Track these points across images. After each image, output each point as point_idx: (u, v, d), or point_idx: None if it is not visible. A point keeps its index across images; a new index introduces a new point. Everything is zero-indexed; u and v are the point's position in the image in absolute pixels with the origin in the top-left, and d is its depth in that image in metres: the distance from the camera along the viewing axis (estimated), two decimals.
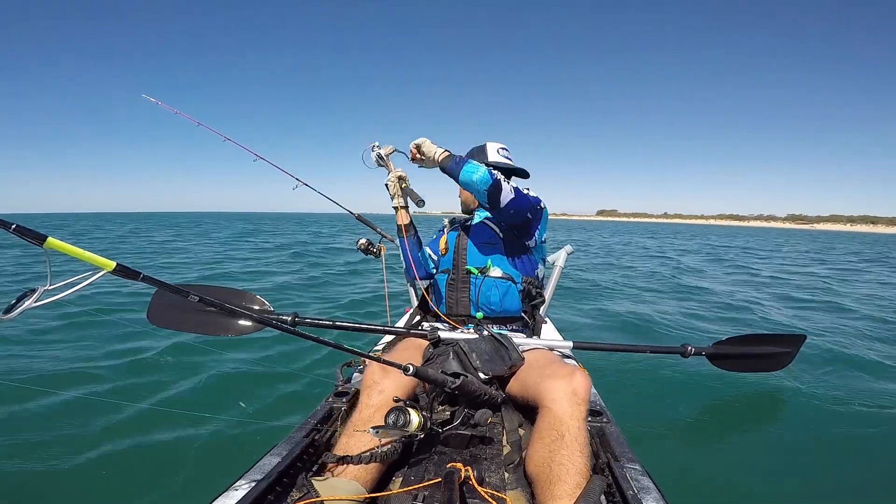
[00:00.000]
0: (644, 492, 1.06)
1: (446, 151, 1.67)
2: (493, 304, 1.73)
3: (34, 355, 3.37)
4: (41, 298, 0.76)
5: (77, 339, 3.79)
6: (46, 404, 2.50)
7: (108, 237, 19.31)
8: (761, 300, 6.51)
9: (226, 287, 1.81)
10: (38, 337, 3.81)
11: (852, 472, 1.96)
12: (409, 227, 1.88)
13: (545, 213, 1.79)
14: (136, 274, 0.84)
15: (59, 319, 4.22)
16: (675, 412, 2.58)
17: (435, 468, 1.21)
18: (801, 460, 2.05)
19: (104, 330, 4.00)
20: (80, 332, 3.97)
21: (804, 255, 16.22)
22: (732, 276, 9.58)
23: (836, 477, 1.92)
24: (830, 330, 4.65)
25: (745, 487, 1.89)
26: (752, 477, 1.95)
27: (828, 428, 2.30)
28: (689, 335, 4.48)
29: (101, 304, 5.12)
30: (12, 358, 3.28)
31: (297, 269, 9.24)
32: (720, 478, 1.95)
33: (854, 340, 4.16)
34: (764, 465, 2.02)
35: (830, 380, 2.95)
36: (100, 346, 3.61)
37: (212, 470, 1.95)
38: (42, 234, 0.73)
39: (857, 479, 1.91)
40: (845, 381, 2.94)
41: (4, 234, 0.72)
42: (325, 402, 1.54)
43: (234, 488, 1.03)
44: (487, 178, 1.55)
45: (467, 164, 1.58)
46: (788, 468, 1.99)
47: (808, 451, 2.13)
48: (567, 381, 1.24)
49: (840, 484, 1.87)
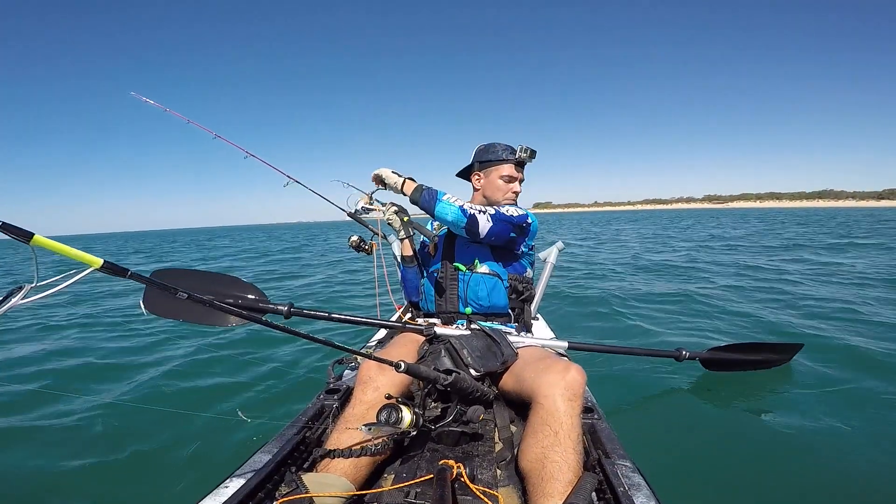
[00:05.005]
0: (635, 489, 1.07)
1: (411, 181, 1.67)
2: (480, 298, 1.74)
3: (23, 350, 3.34)
4: (28, 296, 0.76)
5: (67, 334, 3.75)
6: (35, 402, 2.48)
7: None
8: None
9: (222, 274, 1.78)
10: (28, 331, 3.77)
11: (843, 471, 1.98)
12: (413, 259, 1.93)
13: (534, 226, 1.79)
14: (124, 271, 0.83)
15: (56, 314, 4.18)
16: (666, 409, 2.59)
17: (427, 465, 1.21)
18: (792, 459, 2.07)
19: (94, 323, 3.97)
20: (70, 326, 3.94)
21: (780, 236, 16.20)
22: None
23: (829, 478, 1.93)
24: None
25: (736, 485, 1.91)
26: (743, 474, 1.97)
27: (821, 427, 2.32)
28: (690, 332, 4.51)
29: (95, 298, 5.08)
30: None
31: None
32: (711, 475, 1.97)
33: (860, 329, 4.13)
34: (755, 464, 2.04)
35: (826, 378, 2.96)
36: (88, 342, 3.58)
37: (202, 467, 1.95)
38: (29, 232, 0.72)
39: (849, 479, 1.92)
40: (842, 378, 2.95)
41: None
42: (317, 399, 1.54)
43: (224, 485, 1.02)
44: (461, 217, 1.58)
45: (439, 203, 1.59)
46: (780, 467, 2.01)
47: (800, 451, 2.14)
48: (561, 376, 1.24)
49: (834, 486, 1.89)
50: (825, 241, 12.93)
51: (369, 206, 1.81)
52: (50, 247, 0.74)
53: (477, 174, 1.90)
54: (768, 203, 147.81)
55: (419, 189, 1.63)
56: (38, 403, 2.46)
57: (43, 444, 2.12)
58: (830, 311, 4.63)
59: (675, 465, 2.00)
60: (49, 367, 3.09)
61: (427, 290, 1.86)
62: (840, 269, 7.46)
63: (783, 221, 27.65)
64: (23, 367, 3.09)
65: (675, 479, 1.88)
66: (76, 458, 2.01)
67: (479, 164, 1.88)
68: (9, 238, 0.70)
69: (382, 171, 1.71)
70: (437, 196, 1.60)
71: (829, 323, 4.20)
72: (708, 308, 4.90)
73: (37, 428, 2.24)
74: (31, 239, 0.72)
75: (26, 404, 2.49)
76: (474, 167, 1.90)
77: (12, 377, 2.85)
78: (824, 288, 5.92)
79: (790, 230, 18.85)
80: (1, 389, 2.62)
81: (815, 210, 65.39)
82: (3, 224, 0.70)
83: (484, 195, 1.88)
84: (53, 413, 2.38)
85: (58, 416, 2.35)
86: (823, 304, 4.90)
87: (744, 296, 5.56)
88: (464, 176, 1.97)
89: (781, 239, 14.32)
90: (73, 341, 3.67)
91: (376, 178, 1.73)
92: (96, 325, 4.15)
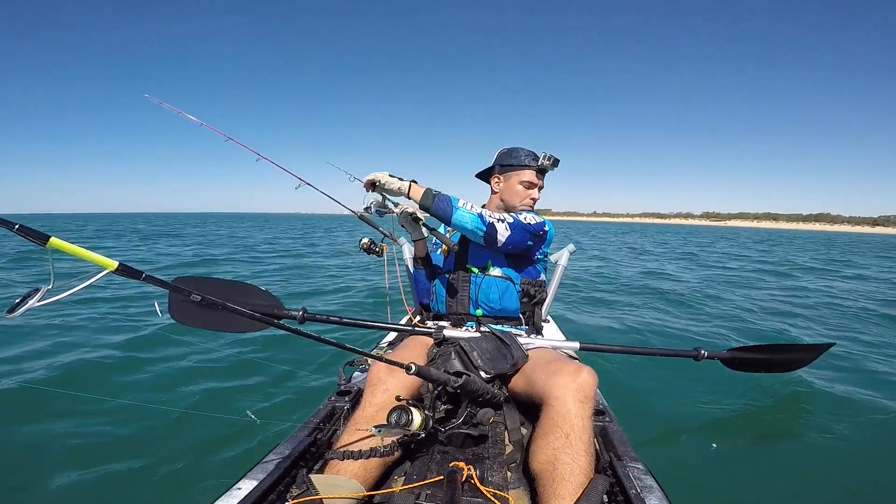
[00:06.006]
0: (647, 491, 1.05)
1: (415, 184, 1.60)
2: (492, 301, 1.73)
3: (35, 350, 3.40)
4: (44, 298, 0.77)
5: (81, 336, 3.81)
6: (44, 403, 2.51)
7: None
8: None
9: (236, 281, 1.80)
10: (40, 332, 3.83)
11: (863, 479, 1.93)
12: (426, 261, 1.91)
13: (550, 233, 1.77)
14: (139, 273, 0.84)
15: (68, 316, 4.25)
16: (679, 411, 2.56)
17: (437, 467, 1.21)
18: (808, 464, 2.03)
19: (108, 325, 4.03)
20: (87, 328, 4.00)
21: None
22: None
23: (846, 485, 1.89)
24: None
25: (750, 489, 1.88)
26: (758, 478, 1.94)
27: (841, 434, 2.27)
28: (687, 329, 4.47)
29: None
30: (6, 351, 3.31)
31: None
32: (725, 478, 1.94)
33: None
34: (770, 468, 2.01)
35: (848, 381, 2.90)
36: (101, 343, 3.63)
37: (215, 469, 1.96)
38: (45, 234, 0.73)
39: (868, 487, 1.88)
40: (863, 383, 2.89)
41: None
42: (328, 402, 1.55)
43: (237, 486, 1.03)
44: (481, 225, 1.55)
45: (456, 210, 1.54)
46: (795, 471, 1.97)
47: (817, 457, 2.10)
48: (573, 378, 1.23)
49: (851, 493, 1.85)
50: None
51: (383, 209, 1.74)
52: (66, 249, 0.76)
53: (497, 177, 1.88)
54: (765, 223, 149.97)
55: (430, 194, 1.56)
56: (48, 404, 2.50)
57: (53, 445, 2.15)
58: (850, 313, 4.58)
59: (689, 468, 1.98)
60: (56, 365, 3.13)
61: (438, 291, 1.86)
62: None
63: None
64: (32, 364, 3.14)
65: (688, 482, 1.85)
66: (86, 460, 2.03)
67: (501, 167, 1.85)
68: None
69: (378, 175, 1.61)
70: (452, 203, 1.55)
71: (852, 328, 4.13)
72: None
73: (46, 429, 2.27)
74: (48, 241, 0.73)
75: (33, 403, 2.52)
76: (495, 170, 1.88)
77: (16, 374, 2.89)
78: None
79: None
80: (11, 388, 2.66)
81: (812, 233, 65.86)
82: (21, 227, 0.71)
83: (502, 198, 1.87)
84: (63, 414, 2.41)
85: (66, 416, 2.38)
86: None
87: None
88: (483, 178, 1.95)
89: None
90: (83, 339, 3.73)
91: (370, 184, 1.64)
92: (108, 324, 4.21)
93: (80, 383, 2.84)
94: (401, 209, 1.75)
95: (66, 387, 2.73)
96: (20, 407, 2.48)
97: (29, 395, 2.59)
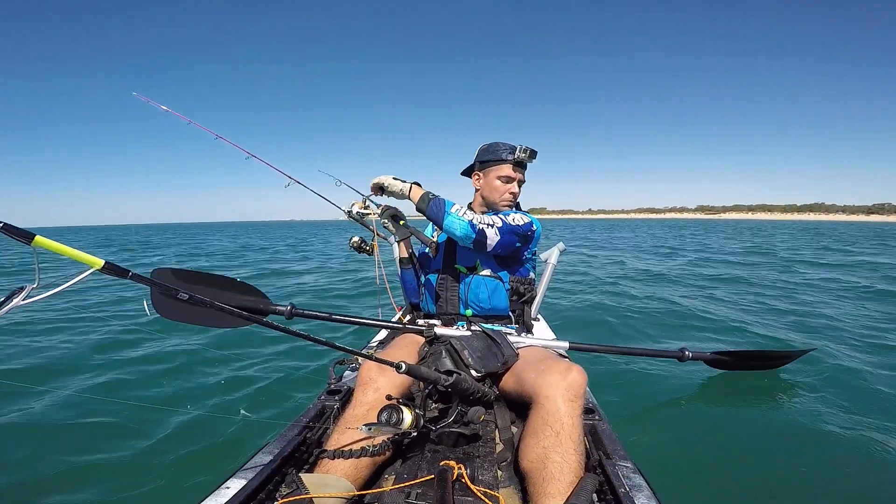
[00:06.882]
0: (636, 489, 1.06)
1: (417, 186, 1.65)
2: (481, 301, 1.73)
3: (19, 350, 3.35)
4: (30, 296, 0.76)
5: (72, 334, 3.76)
6: (34, 401, 2.48)
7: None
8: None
9: (224, 276, 1.77)
10: (25, 330, 3.78)
11: (848, 475, 1.97)
12: (410, 260, 1.90)
13: (537, 232, 1.78)
14: (125, 272, 0.83)
15: (52, 313, 4.19)
16: (667, 410, 2.59)
17: (428, 466, 1.21)
18: (794, 460, 2.06)
19: (92, 320, 3.98)
20: (75, 326, 3.94)
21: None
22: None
23: (830, 478, 1.93)
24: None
25: (738, 486, 1.90)
26: (744, 475, 1.96)
27: (826, 431, 2.30)
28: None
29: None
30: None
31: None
32: (713, 476, 1.96)
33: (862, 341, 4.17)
34: (756, 464, 2.04)
35: (832, 381, 2.94)
36: (90, 341, 3.58)
37: (203, 468, 1.95)
38: (30, 233, 0.72)
39: (852, 480, 1.91)
40: (847, 383, 2.93)
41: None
42: (318, 400, 1.54)
43: (225, 486, 1.02)
44: (470, 232, 1.58)
45: (448, 216, 1.57)
46: (781, 467, 2.00)
47: (802, 452, 2.13)
48: (563, 377, 1.23)
49: (834, 486, 1.88)
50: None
51: (364, 211, 1.81)
52: (52, 248, 0.74)
53: (477, 174, 1.87)
54: (760, 215, 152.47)
55: (426, 198, 1.61)
56: (34, 400, 2.46)
57: (40, 442, 2.12)
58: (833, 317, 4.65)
59: (677, 467, 2.00)
60: (43, 363, 3.09)
61: (428, 291, 1.86)
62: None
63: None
64: (14, 363, 3.10)
65: (676, 480, 1.87)
66: (74, 457, 2.01)
67: (480, 163, 1.85)
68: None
69: (383, 178, 1.68)
70: (445, 208, 1.57)
71: (833, 329, 4.20)
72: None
73: (33, 425, 2.24)
74: (33, 240, 0.72)
75: (22, 401, 2.48)
76: (475, 167, 1.88)
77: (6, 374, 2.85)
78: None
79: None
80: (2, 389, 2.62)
81: (805, 223, 67.03)
82: (5, 225, 0.70)
83: (482, 195, 1.86)
84: (50, 410, 2.38)
85: (54, 413, 2.35)
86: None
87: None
88: (468, 175, 1.95)
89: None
90: (70, 338, 3.68)
91: (376, 187, 1.70)
92: (95, 321, 4.16)
93: (62, 379, 2.81)
94: (382, 209, 1.77)
95: (50, 381, 2.69)
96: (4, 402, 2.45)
97: (14, 393, 2.56)
